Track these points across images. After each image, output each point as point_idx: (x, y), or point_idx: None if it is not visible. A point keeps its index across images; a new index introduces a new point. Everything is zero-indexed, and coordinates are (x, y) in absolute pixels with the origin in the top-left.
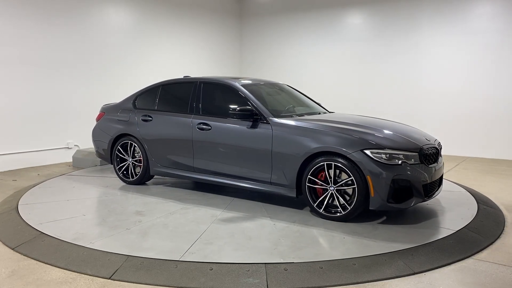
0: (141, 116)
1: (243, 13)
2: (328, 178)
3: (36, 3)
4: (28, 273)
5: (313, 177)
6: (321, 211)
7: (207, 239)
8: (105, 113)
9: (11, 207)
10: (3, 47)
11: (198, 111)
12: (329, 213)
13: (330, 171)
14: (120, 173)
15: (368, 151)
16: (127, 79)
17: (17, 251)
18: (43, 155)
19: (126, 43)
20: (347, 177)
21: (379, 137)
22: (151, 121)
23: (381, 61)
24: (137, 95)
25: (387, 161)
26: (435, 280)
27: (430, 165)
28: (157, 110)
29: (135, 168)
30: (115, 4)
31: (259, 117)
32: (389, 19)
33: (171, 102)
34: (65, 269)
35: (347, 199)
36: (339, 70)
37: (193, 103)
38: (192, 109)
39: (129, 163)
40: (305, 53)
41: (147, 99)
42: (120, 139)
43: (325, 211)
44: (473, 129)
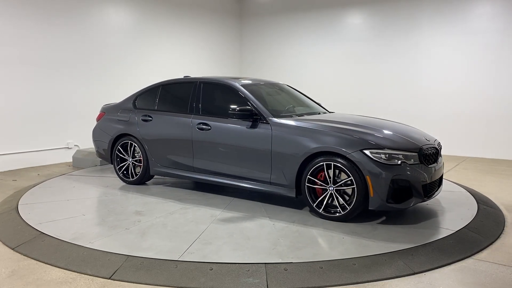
0: (141, 116)
1: (243, 13)
2: (327, 178)
3: (36, 3)
4: (28, 273)
5: (312, 177)
6: (321, 211)
7: (206, 239)
8: (105, 113)
9: (11, 207)
10: (3, 47)
11: (198, 111)
12: (328, 213)
13: (329, 171)
14: (120, 173)
15: (367, 151)
16: (127, 79)
17: (17, 251)
18: (43, 155)
19: (126, 43)
20: (346, 177)
21: (378, 137)
22: (151, 121)
23: (381, 61)
24: (137, 95)
25: (387, 161)
26: (435, 280)
27: (429, 165)
28: (157, 110)
29: (135, 168)
30: (115, 4)
31: (258, 117)
32: (389, 19)
33: (171, 102)
34: (65, 269)
35: (347, 199)
36: (339, 70)
37: (193, 103)
38: (192, 109)
39: (129, 163)
40: (305, 53)
41: (147, 99)
42: (120, 139)
43: (324, 211)
44: (473, 129)
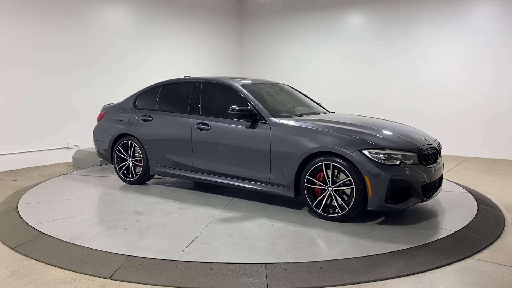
0: (141, 116)
1: (243, 13)
2: (326, 178)
3: (36, 3)
4: (28, 273)
5: (311, 177)
6: (319, 211)
7: (204, 239)
8: (105, 113)
9: (11, 207)
10: (3, 47)
11: (197, 111)
12: (327, 213)
13: (328, 171)
14: (120, 173)
15: (366, 151)
16: (127, 79)
17: (17, 251)
18: (43, 155)
19: (126, 43)
20: (345, 177)
21: (377, 137)
22: (151, 121)
23: (381, 61)
24: (138, 95)
25: (385, 161)
26: (435, 280)
27: (429, 166)
28: (157, 110)
29: (135, 168)
30: (115, 4)
31: (258, 117)
32: (389, 19)
33: (171, 102)
34: (65, 269)
35: (346, 199)
36: (339, 70)
37: (192, 103)
38: (191, 109)
39: (129, 163)
40: (305, 53)
41: (147, 99)
42: (120, 139)
43: (323, 211)
44: (473, 129)
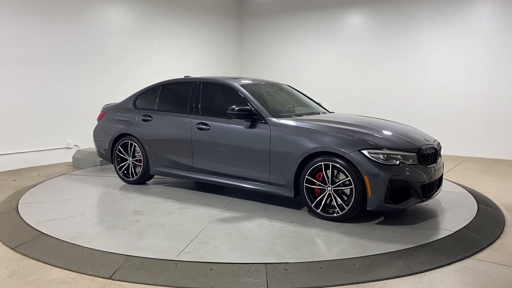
0: (141, 116)
1: (243, 13)
2: (325, 178)
3: (36, 3)
4: (28, 273)
5: (310, 177)
6: (319, 211)
7: (203, 239)
8: (106, 113)
9: (11, 207)
10: (3, 47)
11: (197, 111)
12: (326, 213)
13: (327, 171)
14: (120, 173)
15: (365, 151)
16: (127, 79)
17: (17, 251)
18: (43, 155)
19: (126, 43)
20: (344, 177)
21: (376, 137)
22: (151, 121)
23: (381, 61)
24: (138, 95)
25: (385, 161)
26: (435, 280)
27: (428, 166)
28: (157, 110)
29: (135, 167)
30: (115, 4)
31: (257, 117)
32: (389, 19)
33: (171, 102)
34: (65, 269)
35: (345, 199)
36: (339, 70)
37: (192, 103)
38: (191, 109)
39: (129, 163)
40: (305, 53)
41: (147, 99)
42: (120, 139)
43: (322, 211)
44: (473, 129)
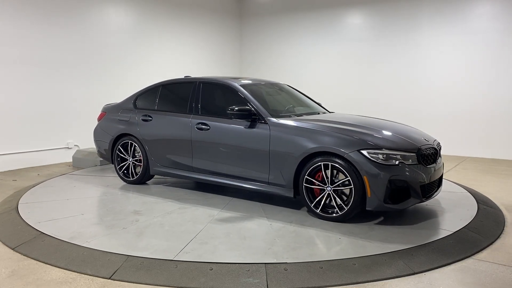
0: (141, 116)
1: (243, 13)
2: (325, 178)
3: (36, 3)
4: (28, 273)
5: (310, 177)
6: (318, 211)
7: (202, 239)
8: (106, 113)
9: (11, 207)
10: (3, 47)
11: (197, 111)
12: (326, 214)
13: (327, 171)
14: (120, 173)
15: (365, 151)
16: (127, 79)
17: (17, 251)
18: (43, 155)
19: (126, 43)
20: (344, 177)
21: (376, 137)
22: (151, 121)
23: (381, 61)
24: (138, 95)
25: (384, 161)
26: (435, 280)
27: (428, 166)
28: (157, 110)
29: (135, 167)
30: (115, 4)
31: (257, 117)
32: (389, 19)
33: (171, 102)
34: (65, 269)
35: (344, 199)
36: (339, 70)
37: (192, 103)
38: (191, 109)
39: (130, 163)
40: (305, 53)
41: (147, 99)
42: (120, 139)
43: (322, 211)
44: (473, 129)
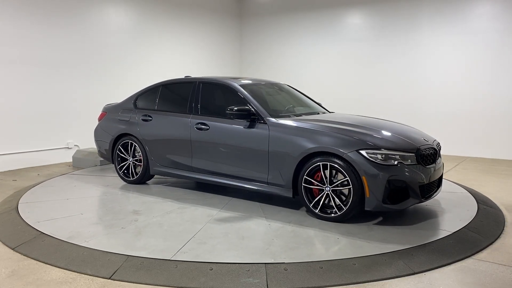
0: (141, 116)
1: (243, 13)
2: (324, 178)
3: (36, 3)
4: (28, 273)
5: (309, 178)
6: (317, 211)
7: (201, 239)
8: (106, 113)
9: (11, 207)
10: (3, 47)
11: (196, 111)
12: (325, 214)
13: (326, 171)
14: (120, 173)
15: (363, 152)
16: (127, 79)
17: (17, 251)
18: (43, 155)
19: (126, 43)
20: (343, 177)
21: (375, 137)
22: (151, 121)
23: (381, 61)
24: (138, 95)
25: (383, 161)
26: (435, 280)
27: (427, 166)
28: (157, 110)
29: (135, 167)
30: (115, 4)
31: (256, 117)
32: (389, 19)
33: (171, 102)
34: (65, 269)
35: (343, 199)
36: (339, 70)
37: (192, 103)
38: (191, 109)
39: (130, 163)
40: (305, 53)
41: (147, 99)
42: (121, 139)
43: (321, 211)
44: (473, 129)
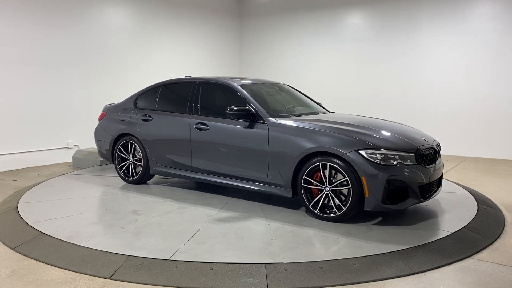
0: (141, 116)
1: (243, 13)
2: (323, 178)
3: (36, 3)
4: (28, 273)
5: (308, 178)
6: (316, 211)
7: (199, 239)
8: (107, 113)
9: (11, 207)
10: (3, 47)
11: (196, 111)
12: (324, 214)
13: (325, 171)
14: (121, 172)
15: (363, 152)
16: (127, 79)
17: (17, 251)
18: (43, 155)
19: (126, 43)
20: (342, 177)
21: (374, 137)
22: (151, 121)
23: (381, 61)
24: (138, 95)
25: (382, 161)
26: (435, 280)
27: (427, 166)
28: (157, 110)
29: (135, 167)
30: (115, 4)
31: (256, 117)
32: (389, 19)
33: (171, 102)
34: (65, 269)
35: (343, 199)
36: (339, 70)
37: (191, 103)
38: (190, 109)
39: (130, 163)
40: (305, 53)
41: (147, 99)
42: (121, 139)
43: (320, 211)
44: (473, 129)
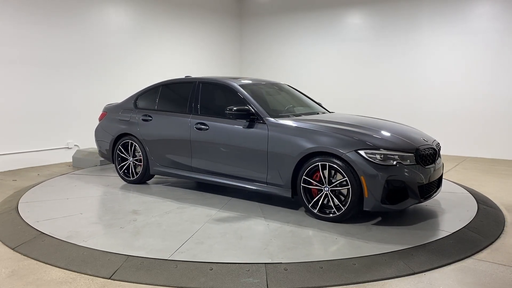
0: (141, 116)
1: (243, 13)
2: (323, 178)
3: (36, 3)
4: (28, 273)
5: (308, 178)
6: (316, 211)
7: (199, 239)
8: (107, 113)
9: (11, 207)
10: (3, 47)
11: (196, 111)
12: (323, 214)
13: (324, 171)
14: (121, 172)
15: (362, 152)
16: (127, 79)
17: (17, 251)
18: (43, 155)
19: (126, 43)
20: (342, 177)
21: (373, 137)
22: (151, 121)
23: (381, 61)
24: (138, 95)
25: (382, 161)
26: (435, 280)
27: (427, 166)
28: (157, 110)
29: (135, 167)
30: (115, 4)
31: (255, 117)
32: (389, 19)
33: (171, 102)
34: (65, 269)
35: (342, 199)
36: (339, 70)
37: (191, 103)
38: (190, 109)
39: (130, 163)
40: (305, 53)
41: (147, 99)
42: (121, 139)
43: (319, 211)
44: (473, 129)
